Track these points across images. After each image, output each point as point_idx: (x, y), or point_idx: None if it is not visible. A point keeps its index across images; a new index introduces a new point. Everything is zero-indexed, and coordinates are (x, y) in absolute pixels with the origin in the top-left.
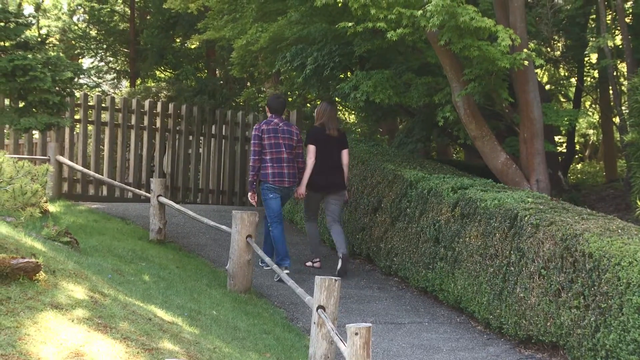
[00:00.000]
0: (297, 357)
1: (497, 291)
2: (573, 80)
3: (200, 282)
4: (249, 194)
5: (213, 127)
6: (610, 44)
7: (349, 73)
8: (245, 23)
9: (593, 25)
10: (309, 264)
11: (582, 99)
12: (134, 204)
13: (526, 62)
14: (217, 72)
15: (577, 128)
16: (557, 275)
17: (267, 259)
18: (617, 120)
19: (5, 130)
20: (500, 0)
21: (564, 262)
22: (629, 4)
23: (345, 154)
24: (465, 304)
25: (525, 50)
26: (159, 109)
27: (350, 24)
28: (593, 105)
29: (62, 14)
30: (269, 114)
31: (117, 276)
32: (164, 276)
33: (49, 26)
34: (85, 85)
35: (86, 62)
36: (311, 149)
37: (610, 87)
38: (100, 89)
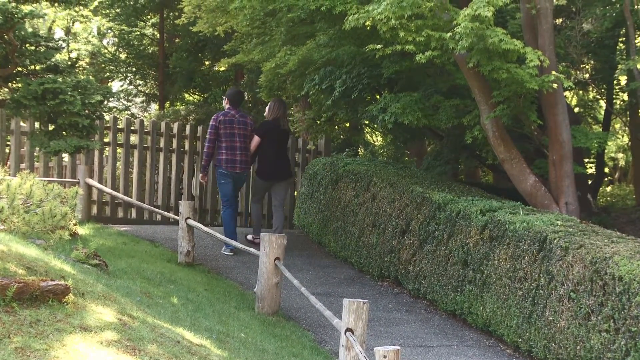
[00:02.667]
0: None
1: (526, 314)
2: (602, 102)
3: (228, 305)
4: (200, 175)
5: None
6: (639, 66)
7: (377, 95)
8: (274, 46)
9: (622, 48)
10: (249, 237)
11: (611, 122)
12: (163, 227)
13: (555, 85)
14: (245, 95)
15: (606, 151)
16: (587, 299)
17: (234, 243)
18: None
19: (35, 153)
20: (529, 23)
21: (593, 285)
22: None
23: (287, 149)
24: (494, 327)
25: (553, 72)
26: (187, 131)
27: (379, 47)
28: (623, 128)
29: (92, 37)
30: (227, 106)
31: (146, 299)
32: (192, 299)
33: (79, 50)
34: (115, 109)
35: (115, 85)
36: (256, 139)
37: None
38: (129, 112)
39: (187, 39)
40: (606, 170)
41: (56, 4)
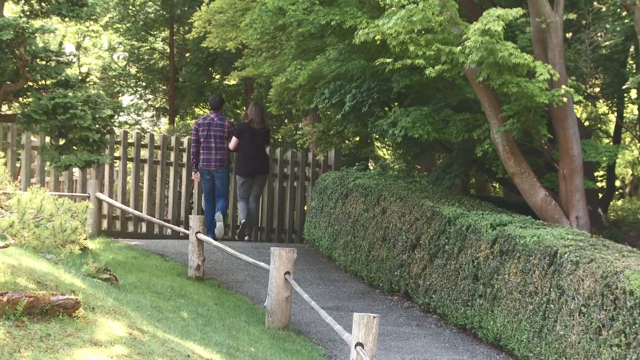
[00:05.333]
0: None
1: (537, 329)
2: (612, 116)
3: (238, 319)
4: (193, 174)
5: None
6: None
7: (387, 109)
8: (284, 60)
9: (632, 63)
10: (246, 238)
11: (622, 135)
12: (173, 241)
13: (565, 99)
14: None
15: (616, 165)
16: (598, 313)
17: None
18: None
19: (45, 168)
20: (539, 36)
21: (604, 299)
22: None
23: (264, 147)
24: (505, 342)
25: (563, 86)
26: None
27: (388, 61)
28: (633, 141)
29: (103, 52)
30: (210, 111)
31: (156, 313)
32: (202, 313)
33: (89, 64)
34: (125, 123)
35: (126, 99)
36: (234, 140)
37: None
38: (139, 126)
39: (198, 53)
40: (617, 184)
41: (67, 19)
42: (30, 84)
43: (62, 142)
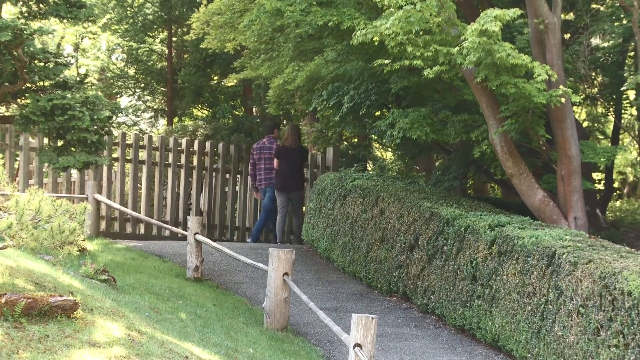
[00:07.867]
0: None
1: (535, 329)
2: (611, 117)
3: (237, 320)
4: (254, 192)
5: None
6: None
7: (385, 111)
8: (282, 62)
9: (631, 63)
10: (278, 242)
11: (620, 136)
12: (171, 242)
13: (563, 99)
14: (253, 110)
15: (615, 165)
16: (596, 314)
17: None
18: None
19: (44, 169)
20: (537, 37)
21: (602, 300)
22: None
23: (301, 166)
24: (503, 343)
25: (561, 87)
26: (195, 147)
27: (386, 62)
28: (632, 142)
29: (101, 53)
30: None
31: (154, 314)
32: (200, 314)
33: (87, 65)
34: (123, 124)
35: (124, 100)
36: (275, 162)
37: None
38: (138, 128)
39: (196, 54)
40: (615, 184)
41: (65, 21)
42: (29, 85)
43: (60, 143)
